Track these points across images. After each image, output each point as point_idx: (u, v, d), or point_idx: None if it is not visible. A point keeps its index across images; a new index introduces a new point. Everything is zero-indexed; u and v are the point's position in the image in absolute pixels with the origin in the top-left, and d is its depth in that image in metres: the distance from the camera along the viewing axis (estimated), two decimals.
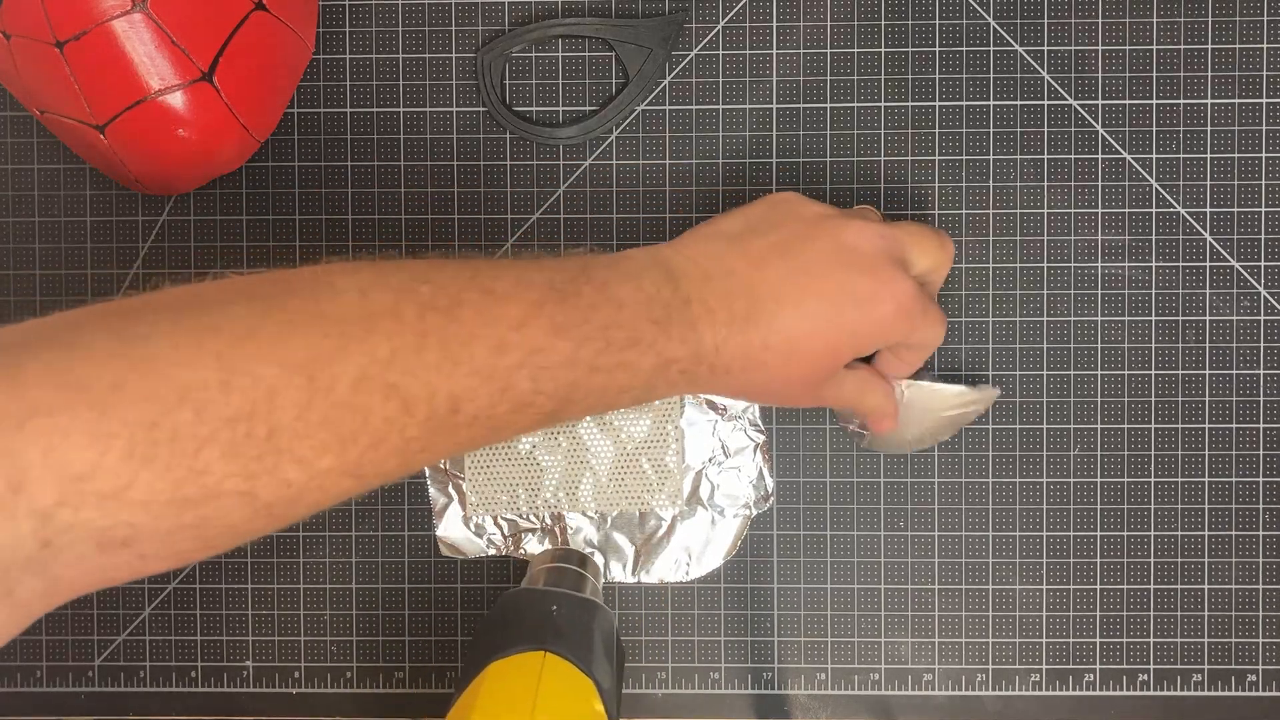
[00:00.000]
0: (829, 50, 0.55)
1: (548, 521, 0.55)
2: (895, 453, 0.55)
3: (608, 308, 0.40)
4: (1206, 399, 0.55)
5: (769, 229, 0.45)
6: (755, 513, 0.55)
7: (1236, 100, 0.54)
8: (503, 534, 0.55)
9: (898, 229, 0.46)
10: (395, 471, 0.38)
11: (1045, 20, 0.55)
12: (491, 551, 0.55)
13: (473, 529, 0.55)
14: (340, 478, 0.36)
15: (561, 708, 0.42)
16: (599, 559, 0.54)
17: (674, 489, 0.54)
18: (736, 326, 0.43)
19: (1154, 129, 0.54)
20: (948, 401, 0.52)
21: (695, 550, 0.55)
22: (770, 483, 0.55)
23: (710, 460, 0.55)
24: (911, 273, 0.46)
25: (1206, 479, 0.55)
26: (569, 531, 0.55)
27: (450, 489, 0.55)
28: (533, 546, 0.55)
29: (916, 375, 0.52)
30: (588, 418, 0.54)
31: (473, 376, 0.37)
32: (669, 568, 0.55)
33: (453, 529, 0.55)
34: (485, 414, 0.38)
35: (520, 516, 0.55)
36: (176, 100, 0.47)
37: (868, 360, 0.51)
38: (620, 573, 0.55)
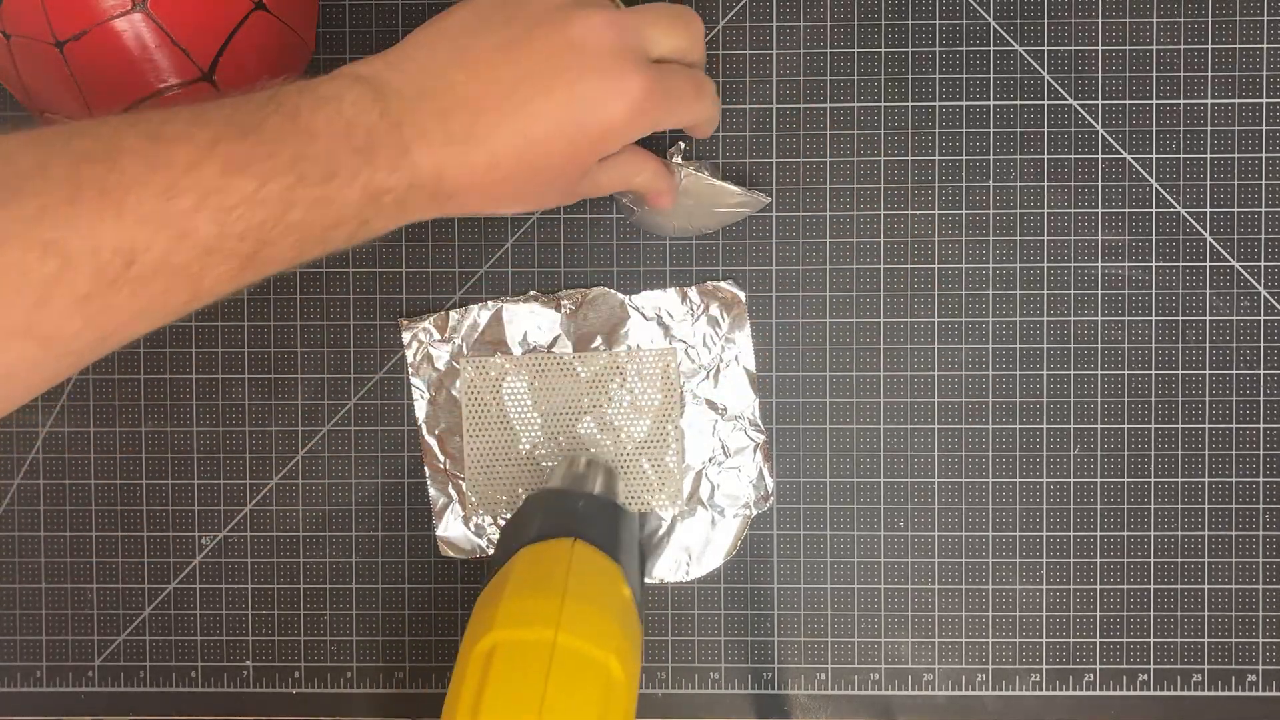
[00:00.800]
0: (829, 50, 0.55)
1: None
2: (658, 233, 0.55)
3: (297, 139, 0.37)
4: (1206, 399, 0.55)
5: (493, 27, 0.42)
6: (755, 513, 0.55)
7: (1236, 100, 0.54)
8: None
9: (632, 14, 0.44)
10: (84, 334, 0.35)
11: (1045, 20, 0.55)
12: (491, 551, 0.55)
13: (473, 529, 0.55)
14: (15, 340, 0.34)
15: (592, 588, 0.42)
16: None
17: (674, 489, 0.54)
18: (456, 147, 0.40)
19: (1154, 129, 0.54)
20: (721, 198, 0.52)
21: (695, 550, 0.55)
22: (770, 483, 0.55)
23: (710, 460, 0.55)
24: (654, 56, 0.44)
25: (1206, 479, 0.55)
26: None
27: (450, 489, 0.55)
28: None
29: (699, 165, 0.52)
30: (588, 418, 0.54)
31: (143, 225, 0.35)
32: (669, 568, 0.55)
33: (453, 529, 0.55)
34: (169, 264, 0.36)
35: None
36: (177, 100, 0.47)
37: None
38: None
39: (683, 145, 0.54)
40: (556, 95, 0.41)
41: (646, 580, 0.55)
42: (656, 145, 0.55)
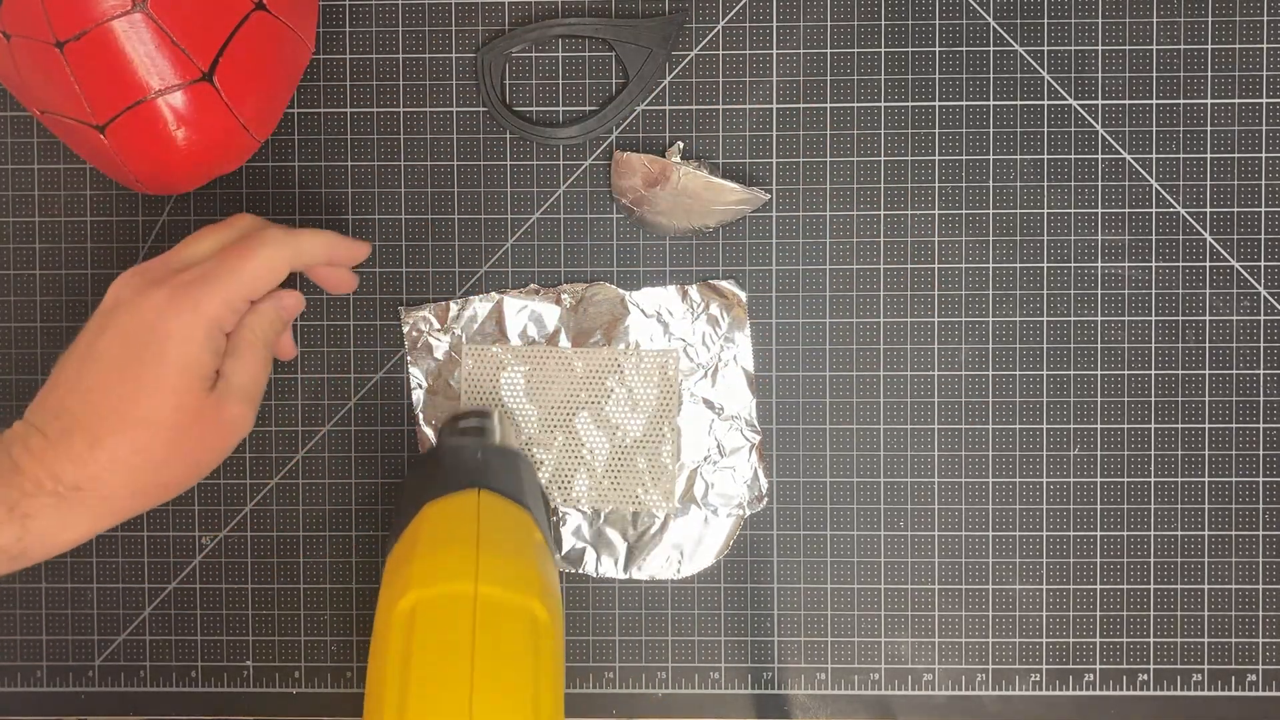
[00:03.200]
0: (829, 50, 0.55)
1: None
2: (658, 233, 0.55)
3: None
4: (1206, 399, 0.54)
5: (76, 341, 0.46)
6: (749, 513, 0.55)
7: (1236, 100, 0.54)
8: None
9: (171, 249, 0.47)
10: None
11: (1045, 20, 0.55)
12: None
13: None
14: None
15: (505, 536, 0.42)
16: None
17: (668, 487, 0.54)
18: (55, 446, 0.43)
19: (1154, 129, 0.54)
20: (720, 195, 0.53)
21: (687, 549, 0.55)
22: (764, 483, 0.55)
23: (705, 459, 0.55)
24: (189, 262, 0.46)
25: (1206, 479, 0.55)
26: (561, 525, 0.55)
27: None
28: None
29: (697, 164, 0.53)
30: (585, 413, 0.54)
31: None
32: (660, 565, 0.55)
33: None
34: None
35: None
36: (176, 100, 0.47)
37: None
38: (612, 568, 0.55)
39: (681, 145, 0.54)
40: (105, 351, 0.45)
41: (636, 575, 0.55)
42: (657, 147, 0.55)
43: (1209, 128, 0.54)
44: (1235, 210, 0.54)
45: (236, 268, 0.46)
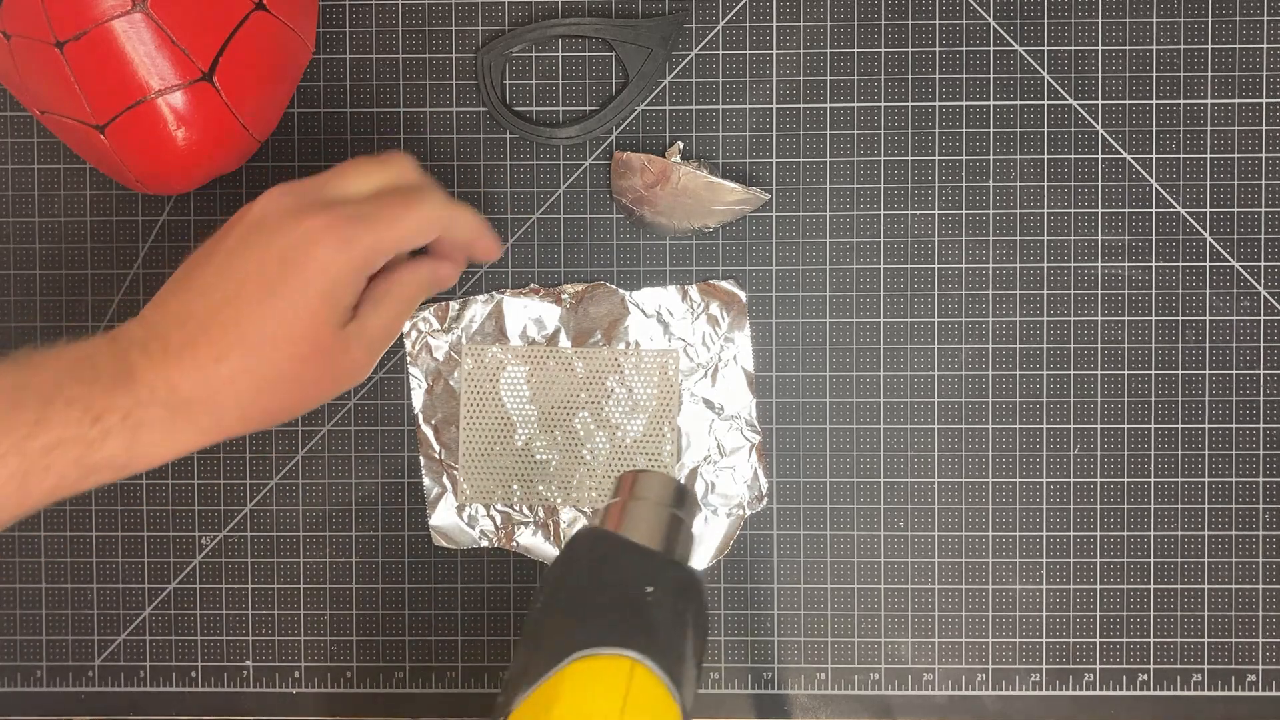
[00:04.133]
0: (829, 50, 0.55)
1: (540, 515, 0.55)
2: (658, 233, 0.55)
3: (21, 373, 0.41)
4: (1206, 399, 0.54)
5: (203, 252, 0.45)
6: (749, 513, 0.55)
7: (1236, 100, 0.54)
8: (495, 525, 0.55)
9: (315, 176, 0.45)
10: None
11: (1045, 20, 0.55)
12: (484, 543, 0.55)
13: (465, 519, 0.55)
14: None
15: None
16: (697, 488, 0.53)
17: None
18: (176, 357, 0.42)
19: (1154, 129, 0.54)
20: (720, 196, 0.53)
21: None
22: (764, 483, 0.55)
23: (705, 459, 0.55)
24: (346, 194, 0.45)
25: (1206, 479, 0.55)
26: (562, 525, 0.55)
27: (445, 479, 0.55)
28: (525, 539, 0.55)
29: (697, 164, 0.53)
30: (585, 413, 0.54)
31: None
32: None
33: (445, 518, 0.55)
34: None
35: (513, 509, 0.55)
36: (176, 100, 0.47)
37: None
38: None
39: (681, 145, 0.54)
40: (252, 276, 0.43)
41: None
42: (657, 147, 0.55)
43: (1209, 128, 0.54)
44: (1235, 210, 0.54)
45: (398, 216, 0.44)
